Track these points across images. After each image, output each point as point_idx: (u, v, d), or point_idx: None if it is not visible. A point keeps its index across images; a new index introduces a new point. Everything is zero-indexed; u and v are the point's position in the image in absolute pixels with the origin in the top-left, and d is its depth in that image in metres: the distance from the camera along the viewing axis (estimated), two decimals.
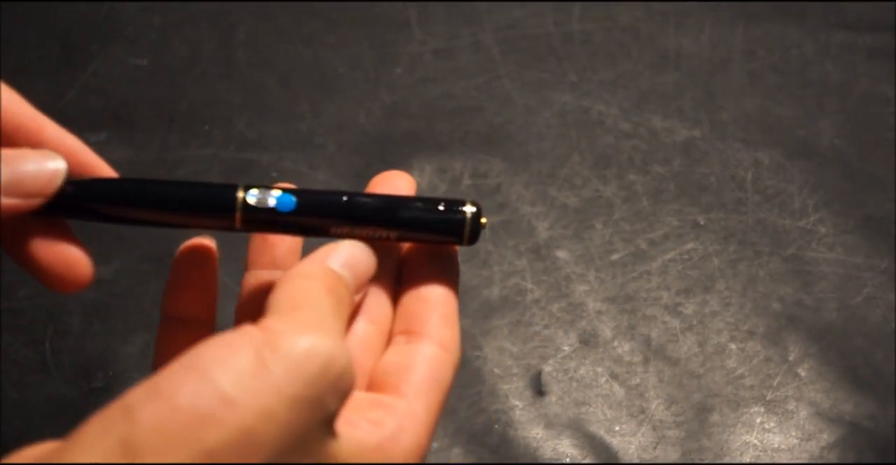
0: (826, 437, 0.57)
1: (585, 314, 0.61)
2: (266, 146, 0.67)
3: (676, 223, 0.65)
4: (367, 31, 0.73)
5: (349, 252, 0.33)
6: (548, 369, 0.59)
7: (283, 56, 0.72)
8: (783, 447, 0.57)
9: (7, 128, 0.33)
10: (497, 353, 0.59)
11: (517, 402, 0.58)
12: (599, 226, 0.65)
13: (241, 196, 0.34)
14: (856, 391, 0.59)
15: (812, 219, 0.66)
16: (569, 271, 0.63)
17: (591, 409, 0.58)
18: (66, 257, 0.33)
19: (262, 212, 0.34)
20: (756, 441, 0.57)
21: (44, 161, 0.32)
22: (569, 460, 0.56)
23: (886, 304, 0.62)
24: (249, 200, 0.34)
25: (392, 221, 0.35)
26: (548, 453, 0.56)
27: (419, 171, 0.66)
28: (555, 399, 0.58)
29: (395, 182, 0.37)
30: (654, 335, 0.61)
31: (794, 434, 0.58)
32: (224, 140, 0.67)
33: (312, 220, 0.34)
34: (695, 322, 0.61)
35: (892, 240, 0.65)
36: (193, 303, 0.37)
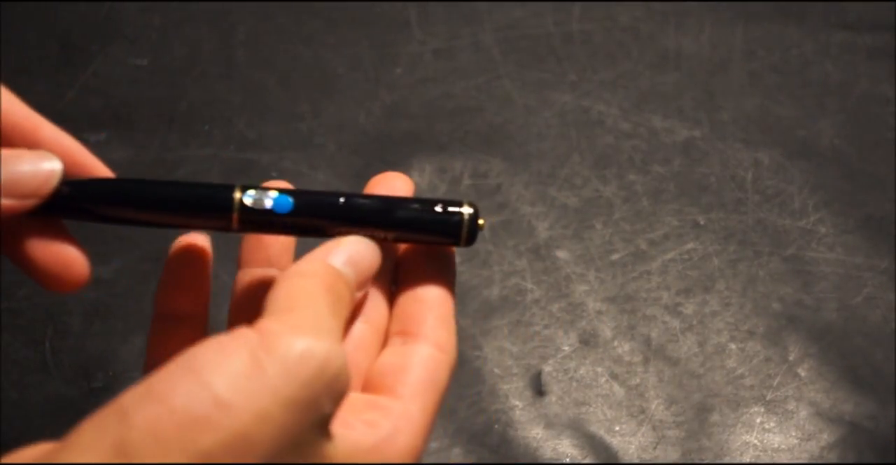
0: (826, 437, 0.57)
1: (585, 314, 0.61)
2: (266, 146, 0.67)
3: (676, 223, 0.65)
4: (367, 31, 0.73)
5: (351, 249, 0.33)
6: (548, 369, 0.59)
7: (283, 56, 0.72)
8: (783, 447, 0.57)
9: (3, 128, 0.32)
10: (497, 353, 0.59)
11: (517, 402, 0.58)
12: (599, 226, 0.65)
13: (238, 197, 0.33)
14: (856, 391, 0.59)
15: (812, 219, 0.66)
16: (569, 271, 0.63)
17: (591, 409, 0.58)
18: (63, 256, 0.33)
19: (259, 213, 0.34)
20: (756, 441, 0.57)
21: (39, 162, 0.32)
22: (569, 460, 0.56)
23: (886, 304, 0.62)
24: (246, 202, 0.33)
25: (389, 223, 0.35)
26: (548, 453, 0.56)
27: (419, 171, 0.66)
28: (555, 399, 0.58)
29: (393, 183, 0.37)
30: (654, 335, 0.61)
31: (794, 434, 0.58)
32: (224, 140, 0.67)
33: (309, 221, 0.34)
34: (695, 322, 0.61)
35: (892, 240, 0.65)
36: (187, 300, 0.37)
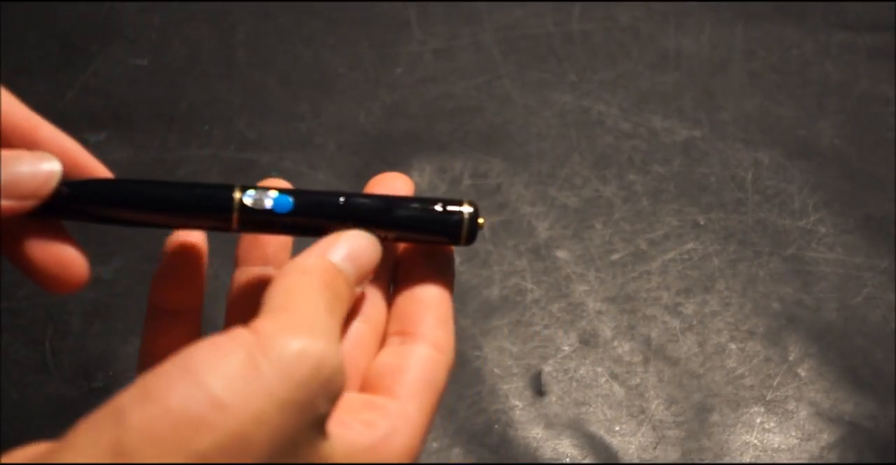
0: (826, 437, 0.57)
1: (585, 314, 0.61)
2: (266, 146, 0.67)
3: (676, 223, 0.65)
4: (367, 31, 0.73)
5: (351, 244, 0.33)
6: (548, 369, 0.59)
7: (283, 56, 0.72)
8: (783, 447, 0.57)
9: (2, 129, 0.32)
10: (497, 353, 0.59)
11: (517, 402, 0.58)
12: (599, 226, 0.65)
13: (238, 197, 0.33)
14: (856, 391, 0.59)
15: (812, 219, 0.66)
16: (569, 271, 0.63)
17: (591, 409, 0.58)
18: (62, 257, 0.32)
19: (260, 213, 0.33)
20: (756, 441, 0.57)
21: (39, 163, 0.32)
22: (569, 460, 0.56)
23: (886, 304, 0.62)
24: (246, 202, 0.33)
25: (389, 222, 0.34)
26: (548, 453, 0.56)
27: (419, 171, 0.66)
28: (555, 399, 0.58)
29: (393, 183, 0.37)
30: (654, 335, 0.61)
31: (794, 434, 0.58)
32: (224, 140, 0.67)
33: (309, 220, 0.34)
34: (695, 322, 0.61)
35: (892, 240, 0.65)
36: (182, 294, 0.36)
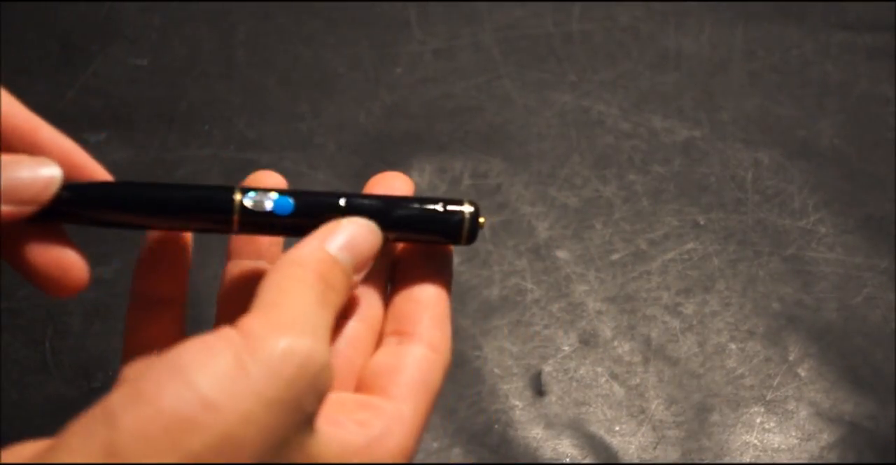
0: (826, 437, 0.57)
1: (585, 314, 0.61)
2: (266, 146, 0.67)
3: (676, 223, 0.65)
4: (367, 31, 0.73)
5: (349, 231, 0.33)
6: (548, 369, 0.59)
7: (283, 56, 0.72)
8: (783, 447, 0.57)
9: (2, 130, 0.32)
10: (497, 353, 0.59)
11: (517, 402, 0.58)
12: (599, 226, 0.65)
13: (238, 199, 0.33)
14: (856, 391, 0.59)
15: (812, 219, 0.66)
16: (569, 271, 0.63)
17: (591, 409, 0.58)
18: (62, 261, 0.32)
19: (260, 215, 0.33)
20: (756, 441, 0.57)
21: (39, 168, 0.31)
22: (569, 460, 0.56)
23: (886, 304, 0.62)
24: (247, 203, 0.33)
25: (389, 222, 0.34)
26: (548, 453, 0.56)
27: (419, 171, 0.66)
28: (555, 399, 0.58)
29: (393, 183, 0.37)
30: (654, 335, 0.61)
31: (794, 434, 0.58)
32: (224, 140, 0.67)
33: (310, 222, 0.34)
34: (695, 322, 0.61)
35: (892, 240, 0.65)
36: (166, 282, 0.36)
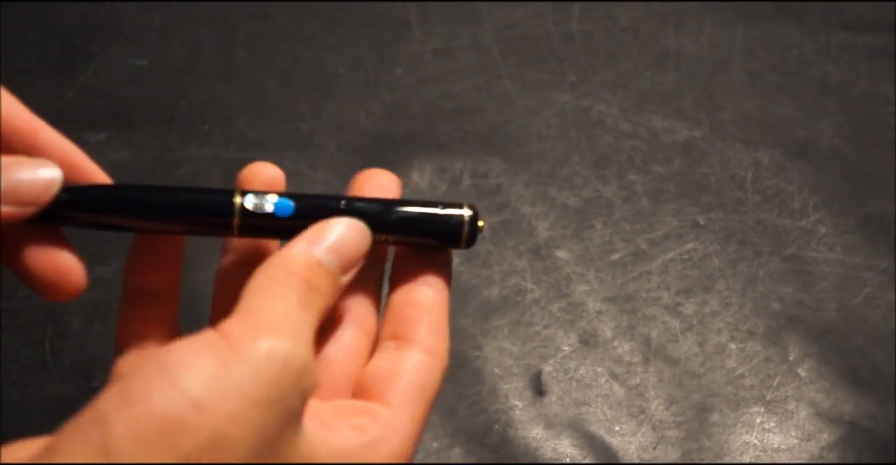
0: (826, 437, 0.57)
1: (585, 314, 0.61)
2: (266, 146, 0.67)
3: (676, 223, 0.65)
4: (367, 31, 0.73)
5: (337, 232, 0.33)
6: (548, 369, 0.59)
7: (283, 56, 0.72)
8: (783, 447, 0.57)
9: (3, 131, 0.32)
10: (497, 353, 0.59)
11: (517, 402, 0.58)
12: (599, 226, 0.65)
13: (239, 202, 0.33)
14: (856, 391, 0.59)
15: (812, 219, 0.66)
16: (569, 271, 0.63)
17: (591, 409, 0.58)
18: (60, 265, 0.32)
19: (261, 218, 0.33)
20: (756, 441, 0.57)
21: (39, 170, 0.31)
22: (569, 460, 0.56)
23: (886, 304, 0.62)
24: (247, 206, 0.33)
25: (389, 226, 0.34)
26: (548, 453, 0.56)
27: (419, 171, 0.66)
28: (555, 399, 0.58)
29: (379, 181, 0.36)
30: (654, 335, 0.61)
31: (794, 434, 0.58)
32: (224, 140, 0.67)
33: (310, 224, 0.33)
34: (695, 322, 0.61)
35: (892, 240, 0.65)
36: (158, 273, 0.36)
